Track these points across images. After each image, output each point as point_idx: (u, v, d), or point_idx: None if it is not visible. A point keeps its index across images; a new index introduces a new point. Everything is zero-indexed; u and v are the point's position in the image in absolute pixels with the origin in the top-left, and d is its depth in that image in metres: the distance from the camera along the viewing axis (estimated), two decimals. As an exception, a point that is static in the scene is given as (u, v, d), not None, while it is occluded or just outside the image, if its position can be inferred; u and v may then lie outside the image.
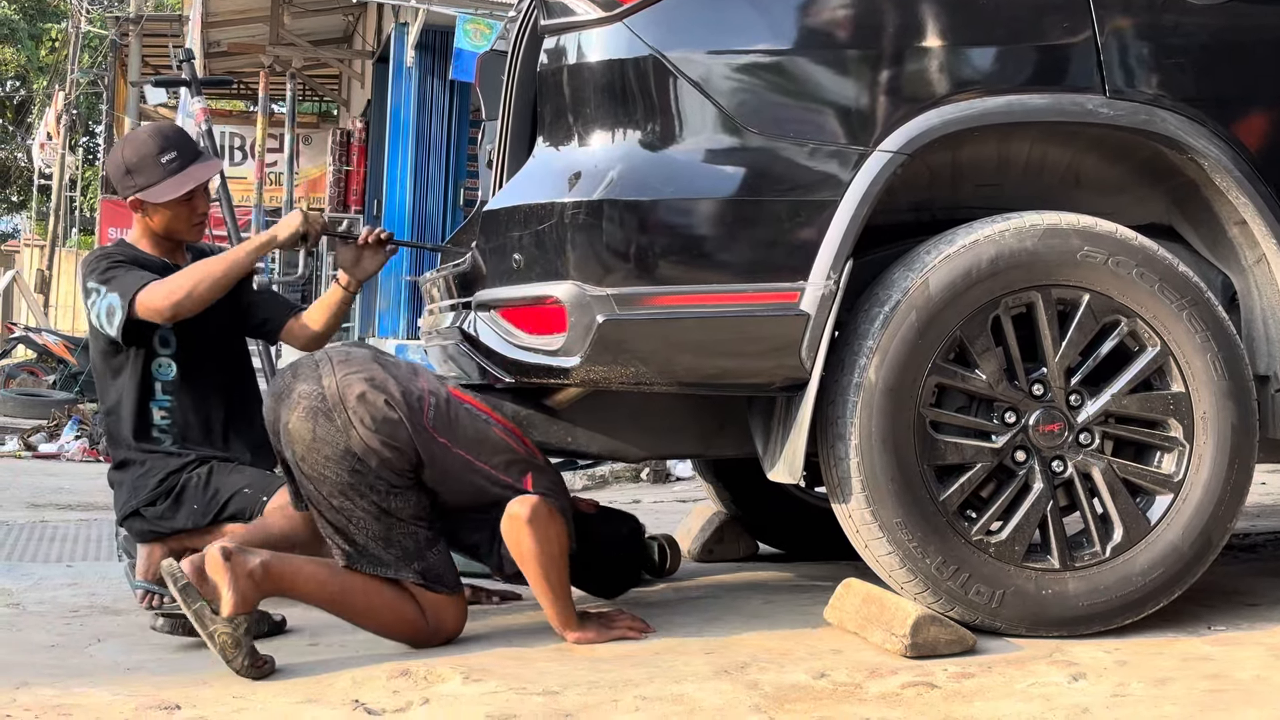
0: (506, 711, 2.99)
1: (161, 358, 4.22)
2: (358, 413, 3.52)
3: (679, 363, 3.45)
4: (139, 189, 4.22)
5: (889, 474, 3.40)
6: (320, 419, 3.54)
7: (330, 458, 3.53)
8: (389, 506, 3.55)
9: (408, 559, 3.58)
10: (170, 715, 3.04)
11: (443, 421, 3.62)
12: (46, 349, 17.04)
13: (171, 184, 4.22)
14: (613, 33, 3.51)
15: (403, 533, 3.57)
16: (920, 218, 3.73)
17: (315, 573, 3.58)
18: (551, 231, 3.47)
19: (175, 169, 4.22)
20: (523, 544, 3.57)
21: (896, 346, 3.40)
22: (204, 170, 4.30)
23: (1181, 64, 3.60)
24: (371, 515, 3.55)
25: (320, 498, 3.57)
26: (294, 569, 3.55)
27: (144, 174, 4.22)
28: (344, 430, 3.52)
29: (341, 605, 3.61)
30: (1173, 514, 3.51)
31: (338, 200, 19.59)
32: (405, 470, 3.56)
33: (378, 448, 3.52)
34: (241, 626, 3.38)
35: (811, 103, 3.49)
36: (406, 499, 3.57)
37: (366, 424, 3.51)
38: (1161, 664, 3.27)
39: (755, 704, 3.02)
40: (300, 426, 3.55)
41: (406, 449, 3.55)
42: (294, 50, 19.83)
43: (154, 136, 4.29)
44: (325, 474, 3.54)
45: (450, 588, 3.64)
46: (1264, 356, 3.66)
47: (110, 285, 4.10)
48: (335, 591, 3.59)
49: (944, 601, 3.43)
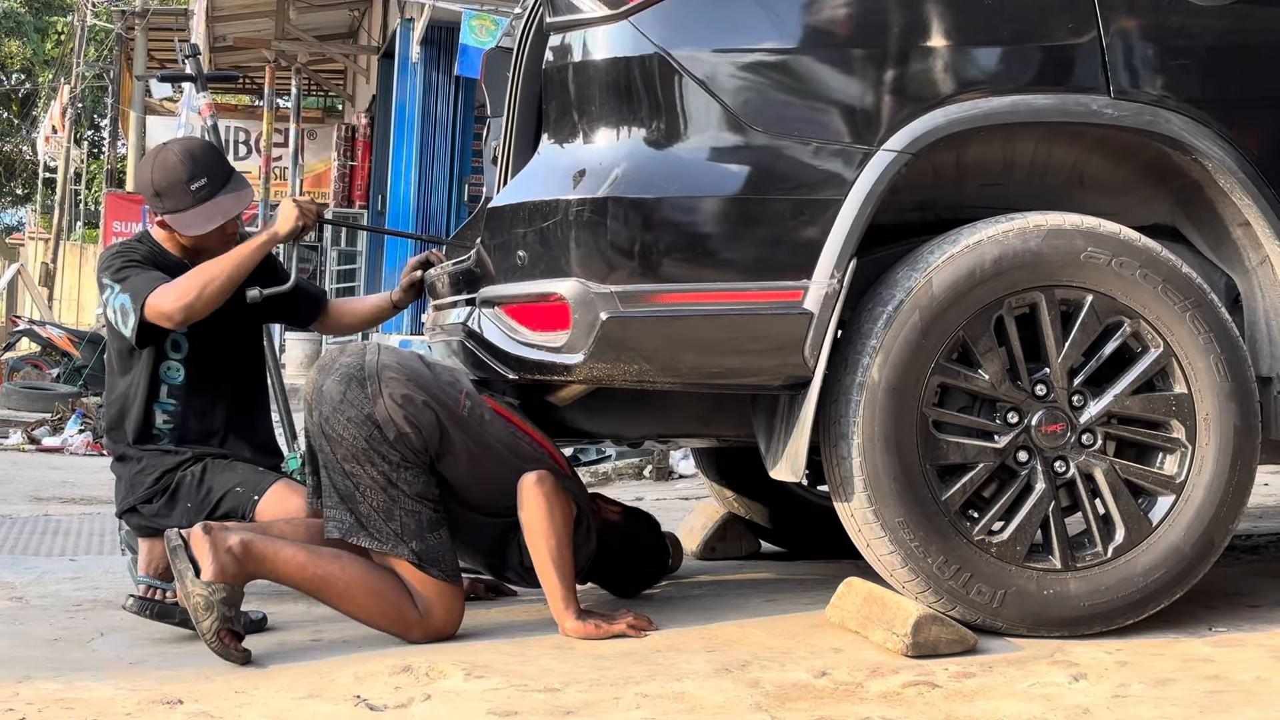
0: (508, 708, 3.00)
1: (171, 361, 4.19)
2: (389, 386, 3.68)
3: (682, 361, 3.45)
4: (167, 212, 4.15)
5: (891, 473, 3.40)
6: (353, 384, 3.69)
7: (353, 420, 3.65)
8: (396, 479, 3.64)
9: (406, 536, 3.62)
10: (172, 710, 3.04)
11: (475, 418, 3.75)
12: (50, 342, 17.06)
13: (200, 215, 4.13)
14: (618, 30, 3.51)
15: (405, 509, 3.64)
16: (924, 217, 3.73)
17: (294, 554, 3.61)
18: (556, 228, 3.47)
19: (204, 197, 4.13)
20: (530, 507, 3.67)
21: (900, 346, 3.40)
22: (233, 203, 4.18)
23: (1186, 65, 3.60)
24: (379, 485, 3.63)
25: (334, 462, 3.67)
26: (274, 549, 3.59)
27: (172, 198, 4.13)
28: (372, 398, 3.66)
29: (322, 587, 3.63)
30: (1175, 515, 3.51)
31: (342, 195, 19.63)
32: (420, 450, 3.67)
33: (399, 421, 3.64)
34: (218, 594, 3.44)
35: (816, 101, 3.49)
36: (416, 476, 3.66)
37: (395, 398, 3.66)
38: (1162, 665, 3.27)
39: (756, 702, 3.02)
40: (333, 388, 3.70)
41: (428, 432, 3.67)
42: (299, 45, 19.85)
43: (184, 161, 4.15)
44: (344, 435, 3.65)
45: (445, 574, 3.65)
46: (1267, 358, 3.66)
47: (123, 285, 4.06)
48: (316, 573, 3.61)
49: (945, 601, 3.43)
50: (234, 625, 3.48)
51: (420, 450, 3.66)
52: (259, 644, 3.62)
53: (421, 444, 3.66)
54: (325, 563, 3.61)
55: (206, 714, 3.01)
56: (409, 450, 3.65)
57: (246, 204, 4.28)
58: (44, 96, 38.27)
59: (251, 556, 3.55)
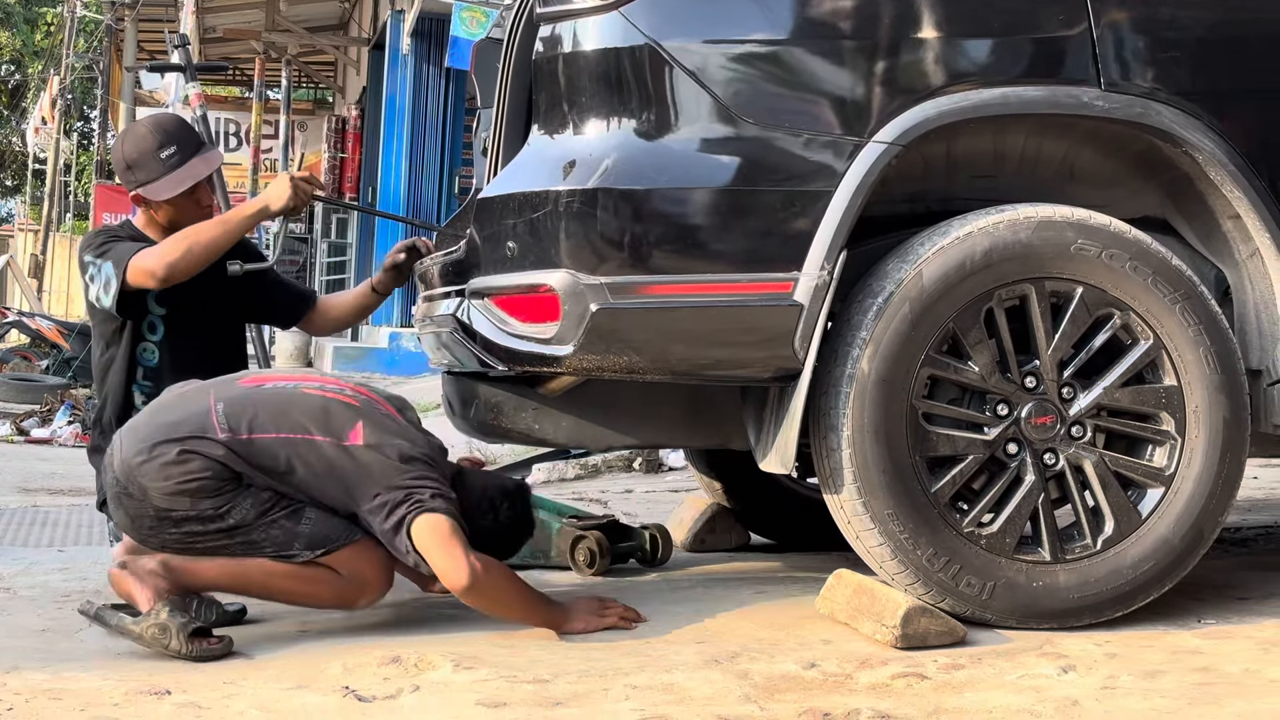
0: (497, 699, 3.00)
1: (148, 342, 4.22)
2: (146, 475, 3.49)
3: (672, 352, 3.45)
4: (139, 184, 4.18)
5: (881, 465, 3.40)
6: (125, 501, 3.55)
7: (154, 526, 3.53)
8: (231, 523, 3.51)
9: (286, 545, 3.54)
10: (160, 700, 3.04)
11: (236, 418, 3.56)
12: (40, 334, 17.04)
13: (170, 180, 4.17)
14: (608, 21, 3.50)
15: (262, 534, 3.53)
16: (915, 209, 3.73)
17: (216, 562, 3.56)
18: (546, 220, 3.46)
19: (175, 164, 4.17)
20: (485, 607, 3.58)
21: (889, 338, 3.40)
22: (203, 165, 4.24)
23: (1177, 57, 3.60)
24: (224, 537, 3.52)
25: (188, 552, 3.56)
26: (199, 566, 3.55)
27: (144, 169, 4.18)
28: (143, 499, 3.51)
29: (245, 584, 3.60)
30: (1164, 507, 3.51)
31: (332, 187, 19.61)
32: (223, 486, 3.50)
33: (175, 492, 3.49)
34: (162, 613, 3.41)
35: (807, 93, 3.49)
36: (242, 506, 3.51)
37: (156, 480, 3.49)
38: (1151, 657, 3.28)
39: (745, 694, 3.02)
40: (119, 517, 3.61)
41: (212, 469, 3.49)
42: (290, 37, 19.82)
43: (153, 131, 4.23)
44: (165, 538, 3.54)
45: (343, 540, 3.56)
46: (1256, 350, 3.66)
47: (106, 256, 4.10)
48: (234, 570, 3.56)
49: (935, 593, 3.43)
50: (196, 624, 3.45)
51: (223, 485, 3.49)
52: (247, 635, 3.61)
53: (215, 480, 3.49)
54: (240, 560, 3.55)
55: (195, 705, 3.01)
56: (210, 498, 3.49)
57: (216, 165, 4.33)
58: (33, 88, 38.18)
59: (173, 570, 3.52)
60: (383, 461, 3.53)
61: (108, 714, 2.95)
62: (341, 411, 3.61)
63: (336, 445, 3.55)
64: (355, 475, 3.53)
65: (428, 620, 3.81)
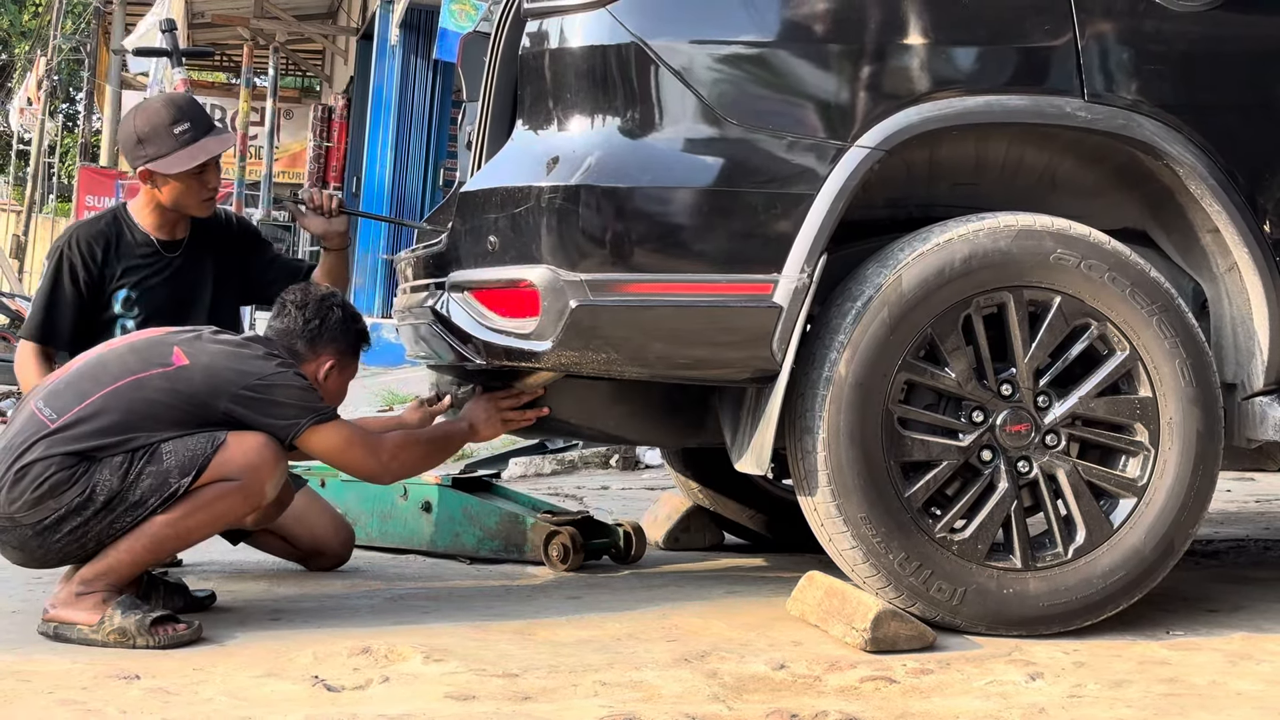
0: (466, 692, 3.00)
1: (127, 319, 4.22)
2: (3, 506, 3.47)
3: (651, 350, 3.45)
4: (150, 159, 4.13)
5: (855, 469, 3.41)
6: (6, 538, 3.53)
7: (40, 543, 3.50)
8: (103, 499, 3.46)
9: (163, 486, 3.47)
10: (129, 685, 3.03)
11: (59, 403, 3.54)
12: (19, 315, 16.95)
13: (183, 155, 4.12)
14: (596, 18, 3.51)
15: (137, 492, 3.46)
16: (896, 214, 3.74)
17: (121, 544, 3.50)
18: (527, 215, 3.47)
19: (188, 140, 4.13)
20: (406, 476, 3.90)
21: (867, 342, 3.41)
22: (217, 143, 4.20)
23: (1160, 70, 3.61)
24: (107, 514, 3.47)
25: (84, 550, 3.52)
26: (108, 559, 3.50)
27: (155, 144, 4.13)
28: (16, 527, 3.48)
29: (161, 545, 3.54)
30: (1136, 518, 3.53)
31: (317, 176, 19.57)
32: (74, 472, 3.45)
33: (34, 503, 3.45)
34: (114, 617, 3.39)
35: (791, 96, 3.50)
36: (103, 478, 3.46)
37: (13, 506, 3.46)
38: (1119, 666, 3.29)
39: (714, 693, 3.03)
40: (10, 556, 3.60)
41: (54, 462, 3.45)
42: (278, 24, 19.77)
43: (168, 106, 4.19)
44: (56, 548, 3.51)
45: (210, 448, 3.49)
46: (1232, 364, 3.68)
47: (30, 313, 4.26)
48: (145, 542, 3.49)
49: (905, 597, 3.44)
50: (156, 612, 3.44)
51: (63, 481, 3.44)
52: (218, 621, 3.61)
53: (49, 475, 3.44)
54: (139, 528, 3.48)
55: (163, 690, 3.01)
56: (54, 496, 3.44)
57: (228, 146, 4.36)
58: (19, 69, 38.04)
59: (90, 579, 3.47)
60: (222, 359, 3.59)
61: (76, 697, 2.94)
62: (152, 345, 3.64)
63: (164, 372, 3.55)
64: (201, 385, 3.55)
65: (399, 611, 3.82)
